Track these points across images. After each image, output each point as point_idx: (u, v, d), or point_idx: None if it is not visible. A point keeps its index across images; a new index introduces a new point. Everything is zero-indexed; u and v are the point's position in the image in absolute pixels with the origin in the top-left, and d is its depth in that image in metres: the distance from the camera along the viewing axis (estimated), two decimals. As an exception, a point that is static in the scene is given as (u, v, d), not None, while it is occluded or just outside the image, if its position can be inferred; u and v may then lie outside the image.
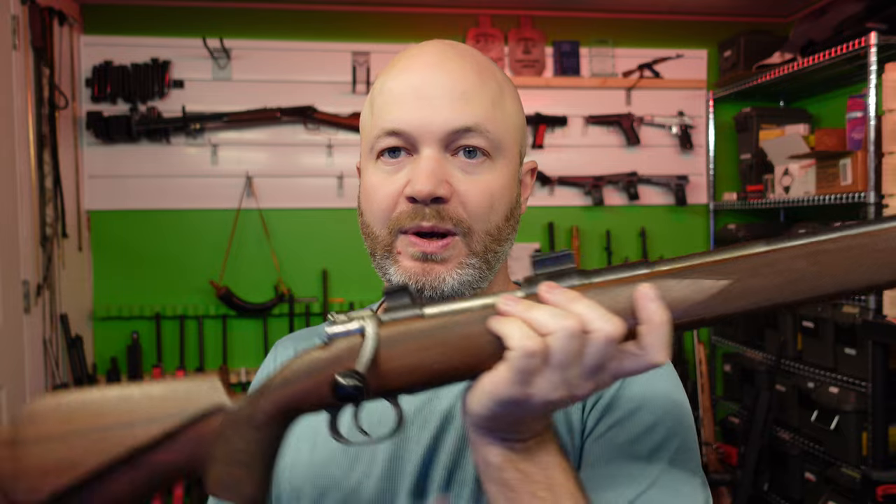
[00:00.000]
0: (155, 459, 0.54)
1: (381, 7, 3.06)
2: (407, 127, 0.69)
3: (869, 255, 0.50)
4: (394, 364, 0.53)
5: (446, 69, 0.70)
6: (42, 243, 2.48)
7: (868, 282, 0.50)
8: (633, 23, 3.21)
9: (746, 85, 2.92)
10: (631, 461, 0.65)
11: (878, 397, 2.17)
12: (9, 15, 2.33)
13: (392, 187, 0.70)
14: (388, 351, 0.53)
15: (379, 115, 0.71)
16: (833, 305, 2.45)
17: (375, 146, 0.71)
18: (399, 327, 0.54)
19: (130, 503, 0.55)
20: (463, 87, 0.69)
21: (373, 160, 0.73)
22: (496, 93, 0.72)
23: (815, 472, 2.55)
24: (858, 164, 2.33)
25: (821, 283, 0.50)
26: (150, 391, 0.56)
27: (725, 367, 3.19)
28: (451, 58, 0.71)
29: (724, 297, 0.51)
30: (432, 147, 0.68)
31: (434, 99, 0.68)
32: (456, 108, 0.68)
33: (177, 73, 2.94)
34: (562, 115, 3.11)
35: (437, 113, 0.68)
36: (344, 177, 3.01)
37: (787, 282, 0.50)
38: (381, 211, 0.71)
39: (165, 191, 2.94)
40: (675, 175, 3.17)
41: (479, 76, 0.71)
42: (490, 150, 0.70)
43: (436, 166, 0.68)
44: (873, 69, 2.25)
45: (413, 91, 0.69)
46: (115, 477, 0.54)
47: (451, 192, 0.68)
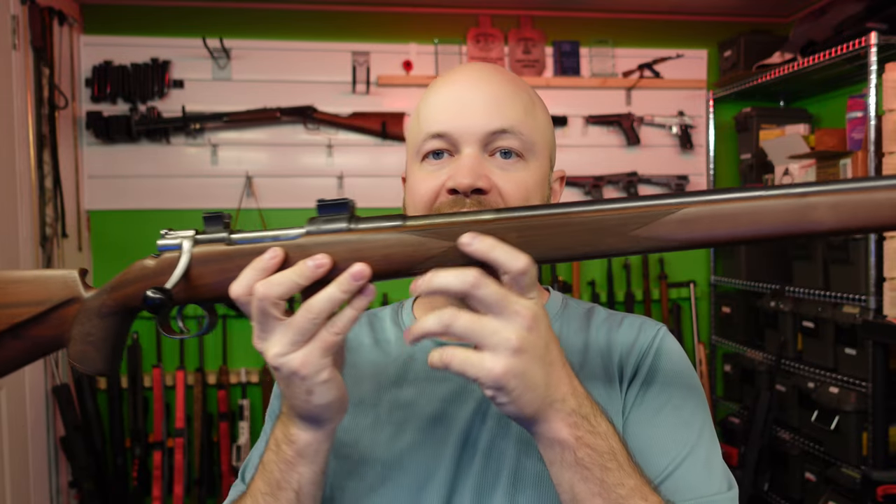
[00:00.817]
0: (32, 333, 0.71)
1: (381, 7, 3.06)
2: (449, 129, 0.77)
3: (568, 232, 0.59)
4: (203, 280, 0.64)
5: (484, 81, 0.79)
6: (42, 243, 2.48)
7: (566, 253, 0.60)
8: (633, 23, 3.20)
9: (746, 85, 2.92)
10: (672, 429, 0.74)
11: (879, 397, 2.17)
12: (9, 15, 2.33)
13: (435, 182, 0.77)
14: (200, 268, 0.64)
15: (425, 122, 0.80)
16: (833, 305, 2.45)
17: (421, 149, 0.79)
18: (210, 248, 0.65)
19: (16, 366, 0.73)
20: (498, 96, 0.78)
21: (418, 162, 0.80)
22: (528, 103, 0.80)
23: (816, 472, 2.55)
24: (858, 164, 2.33)
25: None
26: (24, 277, 0.72)
27: (725, 367, 3.19)
28: (489, 73, 0.81)
29: (447, 254, 0.60)
30: (472, 147, 0.76)
31: (473, 106, 0.77)
32: (493, 113, 0.77)
33: (177, 73, 2.94)
34: (562, 115, 3.11)
35: (477, 117, 0.76)
36: (344, 177, 3.01)
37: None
38: (424, 202, 0.77)
39: (165, 191, 2.94)
40: (675, 175, 3.17)
41: (513, 87, 0.80)
42: (523, 152, 0.78)
43: (475, 163, 0.75)
44: (873, 69, 2.25)
45: (455, 100, 0.78)
46: (4, 344, 0.71)
47: (491, 186, 0.75)
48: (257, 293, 0.59)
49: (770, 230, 0.56)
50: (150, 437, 2.86)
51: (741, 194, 0.57)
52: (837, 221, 0.55)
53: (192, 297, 0.65)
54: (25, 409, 2.39)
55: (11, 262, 2.29)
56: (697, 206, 0.57)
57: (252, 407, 2.94)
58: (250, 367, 2.97)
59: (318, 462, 0.68)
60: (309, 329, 0.59)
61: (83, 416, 2.68)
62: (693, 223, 0.57)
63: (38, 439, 2.47)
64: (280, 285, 0.59)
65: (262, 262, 0.61)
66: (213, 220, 0.66)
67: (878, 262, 2.24)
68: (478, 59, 3.08)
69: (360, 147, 3.04)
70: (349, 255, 0.61)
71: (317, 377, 0.60)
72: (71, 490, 2.66)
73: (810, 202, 0.56)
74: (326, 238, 0.62)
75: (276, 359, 0.60)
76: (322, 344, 0.60)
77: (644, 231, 0.58)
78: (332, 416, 0.65)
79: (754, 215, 0.56)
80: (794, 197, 0.56)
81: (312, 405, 0.63)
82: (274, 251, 0.61)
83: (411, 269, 0.61)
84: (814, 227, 0.56)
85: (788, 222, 0.56)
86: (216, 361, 2.95)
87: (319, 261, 0.60)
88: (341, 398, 0.64)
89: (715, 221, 0.57)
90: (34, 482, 2.41)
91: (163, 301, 0.61)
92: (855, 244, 2.35)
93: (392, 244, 0.61)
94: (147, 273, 0.67)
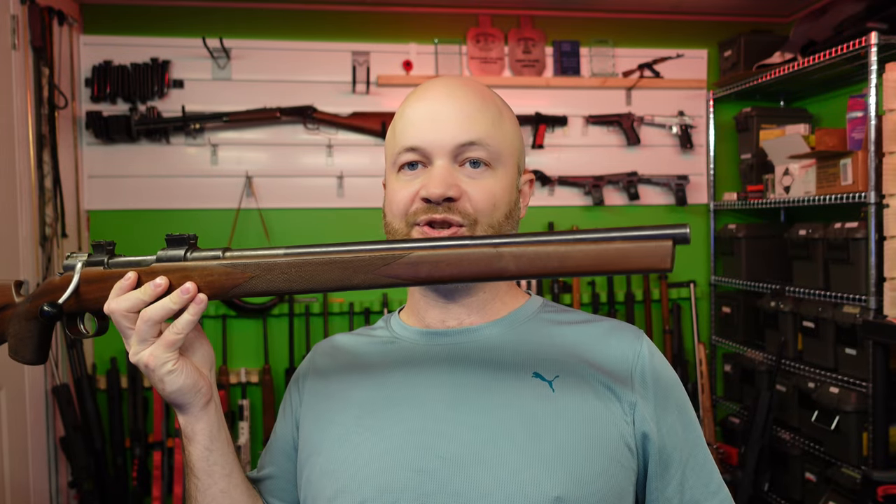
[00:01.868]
0: None
1: (381, 7, 3.06)
2: (422, 143, 0.84)
3: (322, 270, 0.73)
4: (90, 295, 0.81)
5: (454, 96, 0.86)
6: (42, 243, 2.48)
7: (328, 286, 0.74)
8: (633, 23, 3.20)
9: (746, 85, 2.92)
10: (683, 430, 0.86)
11: (879, 397, 2.17)
12: (8, 15, 2.33)
13: (410, 191, 0.85)
14: (86, 286, 0.81)
15: (400, 135, 0.87)
16: (833, 305, 2.45)
17: (397, 161, 0.87)
18: (93, 270, 0.82)
19: None
20: (468, 110, 0.85)
21: (395, 173, 0.88)
22: (496, 115, 0.87)
23: (816, 472, 2.55)
24: (859, 164, 2.33)
25: (302, 284, 0.74)
26: None
27: (726, 367, 3.18)
28: (458, 87, 0.87)
29: (251, 283, 0.76)
30: (443, 159, 0.84)
31: (444, 120, 0.84)
32: (462, 127, 0.84)
33: (176, 73, 2.94)
34: (562, 115, 3.11)
35: (447, 131, 0.84)
36: (344, 177, 3.01)
37: (286, 280, 0.75)
38: (400, 210, 0.86)
39: (165, 191, 2.94)
40: (676, 175, 3.17)
41: (481, 101, 0.87)
42: (491, 161, 0.85)
43: (446, 173, 0.83)
44: (874, 69, 2.25)
45: (427, 115, 0.85)
46: None
47: (461, 193, 0.83)
48: (109, 307, 0.77)
49: (470, 273, 0.69)
50: (149, 437, 2.86)
51: (451, 243, 0.70)
52: (518, 269, 0.67)
53: (84, 307, 0.82)
54: (25, 409, 2.39)
55: (11, 261, 2.29)
56: (423, 251, 0.70)
57: (252, 407, 2.94)
58: (250, 368, 2.97)
59: (199, 441, 0.82)
60: (147, 330, 0.75)
61: (83, 416, 2.68)
62: (419, 265, 0.70)
63: (37, 439, 2.47)
64: (127, 300, 0.76)
65: (120, 284, 0.78)
66: (100, 249, 0.83)
67: (879, 262, 2.24)
68: (478, 58, 3.08)
69: (359, 147, 3.04)
70: (182, 278, 0.77)
71: (162, 368, 0.76)
72: (71, 490, 2.66)
73: (500, 252, 0.68)
74: (167, 265, 0.79)
75: (133, 357, 0.77)
76: (164, 342, 0.76)
77: (385, 270, 0.71)
78: (189, 401, 0.80)
79: (459, 261, 0.69)
80: (489, 247, 0.68)
81: (167, 392, 0.78)
82: (129, 275, 0.78)
83: (227, 292, 0.77)
84: (502, 272, 0.68)
85: (482, 268, 0.68)
86: (216, 361, 2.95)
87: (158, 281, 0.76)
88: (193, 385, 0.79)
89: (435, 265, 0.70)
90: (34, 482, 2.41)
91: (54, 313, 0.77)
92: (855, 244, 2.35)
93: (211, 272, 0.77)
94: (54, 287, 0.83)
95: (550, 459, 0.78)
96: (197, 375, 0.80)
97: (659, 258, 0.61)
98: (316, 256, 0.74)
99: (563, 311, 0.94)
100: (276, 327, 3.01)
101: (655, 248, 0.61)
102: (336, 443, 0.85)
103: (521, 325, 0.90)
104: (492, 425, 0.80)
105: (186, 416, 0.81)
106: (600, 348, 0.87)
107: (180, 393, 0.78)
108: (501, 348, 0.87)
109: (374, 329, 0.99)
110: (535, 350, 0.87)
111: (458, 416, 0.81)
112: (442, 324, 0.90)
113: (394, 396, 0.86)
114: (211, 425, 0.82)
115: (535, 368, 0.85)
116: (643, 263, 0.62)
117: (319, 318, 3.02)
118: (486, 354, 0.86)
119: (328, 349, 0.99)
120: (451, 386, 0.84)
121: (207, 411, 0.82)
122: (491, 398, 0.82)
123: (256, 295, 0.77)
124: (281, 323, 3.01)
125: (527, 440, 0.79)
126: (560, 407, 0.81)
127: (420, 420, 0.82)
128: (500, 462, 0.77)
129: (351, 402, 0.88)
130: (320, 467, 0.85)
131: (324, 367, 0.96)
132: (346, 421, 0.86)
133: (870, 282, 2.26)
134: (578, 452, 0.78)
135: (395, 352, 0.91)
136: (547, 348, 0.87)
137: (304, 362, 1.00)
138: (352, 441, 0.84)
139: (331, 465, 0.84)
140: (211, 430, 0.82)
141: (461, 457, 0.78)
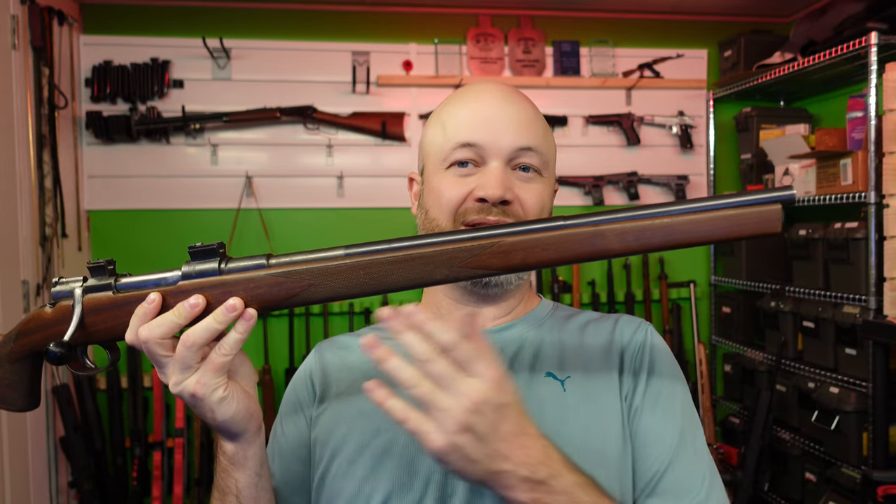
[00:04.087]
0: None
1: (381, 7, 3.05)
2: (480, 140, 0.84)
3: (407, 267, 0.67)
4: (97, 326, 0.71)
5: (511, 101, 0.88)
6: (42, 243, 2.48)
7: (407, 284, 0.68)
8: (633, 23, 3.20)
9: (746, 85, 2.92)
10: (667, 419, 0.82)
11: (879, 397, 2.17)
12: (8, 15, 2.33)
13: (463, 189, 0.84)
14: (93, 317, 0.71)
15: (453, 132, 0.86)
16: (833, 305, 2.45)
17: (449, 157, 0.86)
18: (99, 297, 0.71)
19: None
20: (525, 117, 0.87)
21: (443, 170, 0.87)
22: (545, 126, 0.91)
23: (816, 472, 2.55)
24: (859, 164, 2.33)
25: (372, 285, 0.68)
26: None
27: (726, 367, 3.18)
28: (513, 93, 0.90)
29: (310, 292, 0.69)
30: (499, 160, 0.84)
31: (503, 122, 0.85)
32: (521, 131, 0.86)
33: (176, 73, 2.94)
34: (562, 115, 3.11)
35: (506, 133, 0.85)
36: (344, 177, 3.01)
37: (352, 283, 0.68)
38: (450, 207, 0.85)
39: (165, 191, 2.94)
40: (676, 175, 3.17)
41: (534, 110, 0.90)
42: (540, 168, 0.87)
43: (503, 176, 0.83)
44: (874, 69, 2.24)
45: (486, 116, 0.86)
46: None
47: (514, 197, 0.84)
48: (141, 336, 0.67)
49: (570, 255, 0.65)
50: (149, 437, 2.85)
51: (545, 225, 0.66)
52: (623, 246, 0.64)
53: (91, 340, 0.72)
54: (25, 409, 2.39)
55: (11, 262, 2.29)
56: (515, 237, 0.66)
57: (252, 407, 2.94)
58: (250, 367, 2.97)
59: (250, 467, 0.75)
60: (188, 357, 0.66)
61: (83, 416, 2.68)
62: (510, 253, 0.66)
63: (38, 439, 2.47)
64: (161, 326, 0.67)
65: (143, 308, 0.68)
66: (99, 270, 0.72)
67: (879, 262, 2.24)
68: (478, 58, 3.08)
69: (360, 147, 3.04)
70: (222, 294, 0.68)
71: (213, 396, 0.68)
72: (71, 490, 2.66)
73: (601, 230, 0.64)
74: (200, 280, 0.69)
75: (175, 387, 0.67)
76: (212, 366, 0.67)
77: (473, 262, 0.67)
78: (243, 428, 0.72)
79: (558, 244, 0.65)
80: (588, 226, 0.65)
81: (218, 421, 0.70)
82: (151, 297, 0.68)
83: (280, 304, 0.69)
84: (606, 251, 0.65)
85: (585, 248, 0.65)
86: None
87: (194, 301, 0.67)
88: (246, 410, 0.71)
89: (529, 251, 0.66)
90: (34, 482, 2.41)
91: (63, 354, 0.68)
92: (855, 244, 2.35)
93: (258, 283, 0.68)
94: (47, 322, 0.73)
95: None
96: (248, 399, 0.72)
97: (770, 223, 0.60)
98: (389, 255, 0.68)
99: (573, 313, 0.96)
100: (276, 327, 3.01)
101: (767, 213, 0.60)
102: (354, 453, 0.84)
103: (540, 325, 0.91)
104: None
105: (238, 444, 0.74)
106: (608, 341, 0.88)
107: (233, 421, 0.71)
108: (519, 349, 0.88)
109: (382, 331, 0.96)
110: (550, 351, 0.87)
111: None
112: None
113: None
114: (262, 450, 0.77)
115: (549, 368, 0.85)
116: (754, 229, 0.61)
117: (319, 318, 3.02)
118: (505, 354, 0.87)
119: (334, 349, 0.96)
120: None
121: (260, 435, 0.76)
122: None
123: (316, 303, 0.70)
124: (280, 323, 3.01)
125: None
126: (569, 406, 0.82)
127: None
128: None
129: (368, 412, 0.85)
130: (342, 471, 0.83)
131: (335, 367, 0.93)
132: (365, 428, 0.84)
133: (870, 282, 2.26)
134: (585, 453, 0.78)
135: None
136: (561, 347, 0.88)
137: (311, 360, 0.96)
138: (371, 450, 0.83)
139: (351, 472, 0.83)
140: (262, 455, 0.77)
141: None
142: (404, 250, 0.67)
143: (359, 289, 0.68)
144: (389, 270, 0.67)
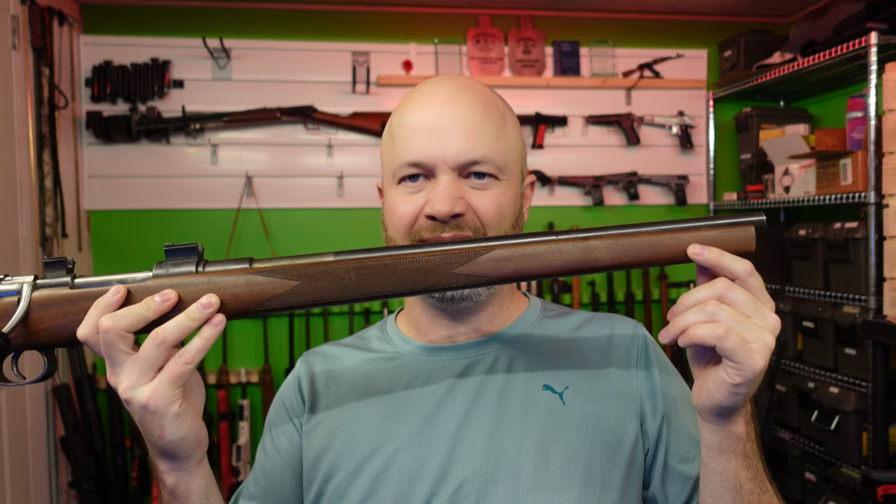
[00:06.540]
0: None
1: (381, 7, 3.06)
2: (425, 158, 0.80)
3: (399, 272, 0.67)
4: (44, 324, 0.64)
5: (456, 104, 0.81)
6: (42, 243, 2.48)
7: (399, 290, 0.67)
8: (633, 23, 3.20)
9: (746, 85, 2.92)
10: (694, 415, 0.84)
11: (879, 397, 2.17)
12: (8, 15, 2.33)
13: (413, 206, 0.81)
14: (40, 313, 0.64)
15: (400, 147, 0.82)
16: (833, 305, 2.45)
17: (397, 174, 0.82)
18: (51, 292, 0.65)
19: None
20: (471, 121, 0.80)
21: (394, 184, 0.83)
22: (499, 123, 0.83)
23: (816, 472, 2.55)
24: (859, 164, 2.33)
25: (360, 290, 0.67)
26: None
27: (725, 367, 3.18)
28: (460, 93, 0.82)
29: (294, 293, 0.66)
30: (447, 173, 0.80)
31: (447, 133, 0.79)
32: (467, 141, 0.79)
33: (177, 73, 2.94)
34: (562, 115, 3.11)
35: (451, 145, 0.79)
36: (344, 177, 3.01)
37: (340, 286, 0.66)
38: (403, 226, 0.81)
39: (165, 191, 2.94)
40: (676, 175, 3.17)
41: (484, 109, 0.82)
42: (496, 173, 0.82)
43: (452, 189, 0.79)
44: (873, 69, 2.25)
45: (429, 125, 0.80)
46: None
47: (467, 207, 0.80)
48: (102, 326, 0.60)
49: (561, 267, 0.67)
50: (149, 437, 2.85)
51: (537, 239, 0.68)
52: (612, 260, 0.67)
53: (31, 341, 0.65)
54: (25, 409, 2.39)
55: (12, 262, 2.29)
56: (507, 248, 0.67)
57: (252, 407, 2.94)
58: (250, 368, 2.97)
59: (195, 501, 0.69)
60: (157, 356, 0.60)
61: (83, 416, 2.68)
62: (503, 262, 0.67)
63: (38, 439, 2.47)
64: (126, 317, 0.61)
65: (106, 298, 0.62)
66: (55, 266, 0.66)
67: (878, 262, 2.24)
68: (478, 59, 3.08)
69: (360, 147, 3.04)
70: (197, 293, 0.64)
71: (168, 410, 0.61)
72: (71, 490, 2.66)
73: (592, 244, 0.67)
74: (175, 280, 0.64)
75: (127, 391, 0.61)
76: (170, 375, 0.61)
77: (464, 269, 0.67)
78: (190, 453, 0.66)
79: (548, 255, 0.67)
80: (578, 240, 0.67)
81: (166, 440, 0.63)
82: (116, 288, 0.63)
83: (259, 308, 0.65)
84: (594, 264, 0.67)
85: (575, 260, 0.67)
86: (216, 361, 2.95)
87: (166, 295, 0.62)
88: (196, 433, 0.65)
89: (520, 260, 0.67)
90: (34, 482, 2.41)
91: (1, 345, 0.61)
92: (855, 244, 2.35)
93: (241, 284, 0.65)
94: None
95: (563, 476, 0.77)
96: (199, 421, 0.66)
97: (745, 241, 0.66)
98: (380, 259, 0.67)
99: (563, 313, 0.93)
100: (276, 327, 3.01)
101: (742, 233, 0.66)
102: (350, 470, 0.82)
103: (527, 334, 0.88)
104: (505, 444, 0.79)
105: (180, 473, 0.67)
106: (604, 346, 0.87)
107: (181, 443, 0.64)
108: (511, 361, 0.85)
109: (368, 341, 0.93)
110: (544, 360, 0.85)
111: (472, 435, 0.80)
112: (448, 339, 0.87)
113: (403, 419, 0.82)
114: (208, 480, 0.70)
115: (544, 380, 0.83)
116: (731, 247, 0.66)
117: (319, 318, 3.02)
118: (496, 368, 0.84)
119: (321, 359, 0.93)
120: (463, 403, 0.82)
121: (204, 465, 0.70)
122: (503, 414, 0.81)
123: (299, 308, 0.67)
124: (280, 323, 3.01)
125: (541, 458, 0.78)
126: (571, 419, 0.80)
127: (434, 443, 0.80)
128: (515, 481, 0.77)
129: (360, 426, 0.84)
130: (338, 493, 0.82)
131: (323, 377, 0.90)
132: (358, 448, 0.82)
133: (869, 282, 2.26)
134: (591, 466, 0.78)
135: (400, 373, 0.86)
136: (554, 357, 0.86)
137: (299, 368, 0.93)
138: (367, 468, 0.81)
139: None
140: (208, 486, 0.70)
141: (477, 477, 0.77)
142: (395, 250, 0.68)
143: (345, 293, 0.66)
144: (378, 274, 0.67)
